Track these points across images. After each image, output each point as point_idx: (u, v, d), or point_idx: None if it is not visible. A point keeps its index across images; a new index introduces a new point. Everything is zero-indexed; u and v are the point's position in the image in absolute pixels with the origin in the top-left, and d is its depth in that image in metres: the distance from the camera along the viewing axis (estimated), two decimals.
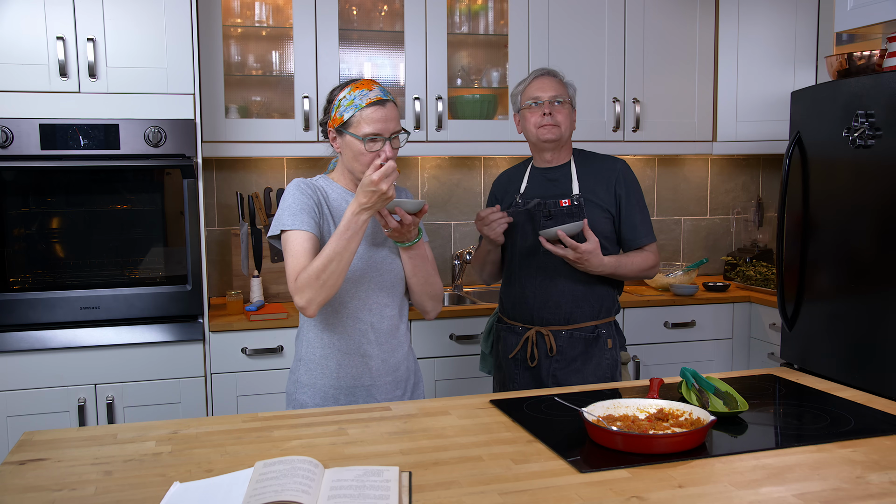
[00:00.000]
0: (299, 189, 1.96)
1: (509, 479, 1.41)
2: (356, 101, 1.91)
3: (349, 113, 1.91)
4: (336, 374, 2.02)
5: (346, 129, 1.93)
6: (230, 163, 3.44)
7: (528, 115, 2.40)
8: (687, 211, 4.09)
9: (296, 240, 1.89)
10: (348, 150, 1.95)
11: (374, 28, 3.42)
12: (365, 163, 1.92)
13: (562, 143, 2.41)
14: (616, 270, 2.34)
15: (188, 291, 2.87)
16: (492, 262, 2.51)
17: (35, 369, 2.73)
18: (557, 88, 2.38)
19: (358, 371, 2.02)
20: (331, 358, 2.02)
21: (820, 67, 3.50)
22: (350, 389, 2.03)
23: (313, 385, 2.03)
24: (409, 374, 2.13)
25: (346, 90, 1.95)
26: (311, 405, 2.03)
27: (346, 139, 1.94)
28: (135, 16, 2.77)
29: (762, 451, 1.54)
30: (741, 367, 3.49)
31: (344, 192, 2.03)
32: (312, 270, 1.83)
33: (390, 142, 1.93)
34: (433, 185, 3.73)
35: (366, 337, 2.02)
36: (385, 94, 1.94)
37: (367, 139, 1.90)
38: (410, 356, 2.15)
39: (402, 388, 2.10)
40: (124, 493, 1.37)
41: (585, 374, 2.37)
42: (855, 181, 2.66)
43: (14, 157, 2.68)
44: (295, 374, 2.08)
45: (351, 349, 2.02)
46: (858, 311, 2.65)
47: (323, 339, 2.02)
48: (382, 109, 1.92)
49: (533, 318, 2.40)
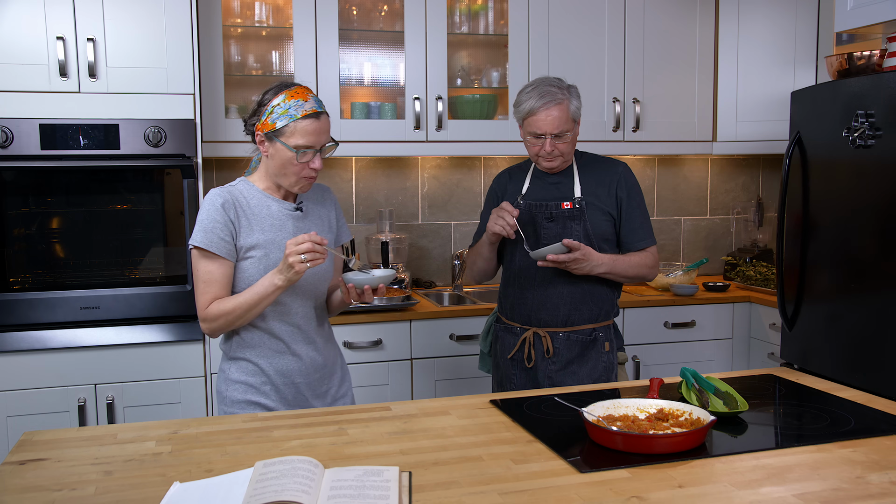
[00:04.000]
0: (213, 205, 1.95)
1: (509, 479, 1.41)
2: (291, 110, 1.90)
3: (282, 122, 1.90)
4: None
5: (277, 136, 1.92)
6: (230, 163, 3.44)
7: (528, 140, 2.35)
8: (687, 211, 4.09)
9: (207, 268, 1.93)
10: (277, 157, 1.94)
11: (374, 28, 3.42)
12: (294, 172, 1.94)
13: (565, 164, 2.40)
14: (613, 269, 2.32)
15: (188, 291, 2.87)
16: (484, 257, 2.45)
17: (35, 369, 2.73)
18: (561, 123, 2.27)
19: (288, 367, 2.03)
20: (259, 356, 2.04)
21: (820, 67, 3.50)
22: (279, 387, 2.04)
23: (244, 382, 2.03)
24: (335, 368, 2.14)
25: (280, 96, 1.92)
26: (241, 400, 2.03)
27: (276, 146, 1.93)
28: (135, 16, 2.77)
29: (762, 451, 1.54)
30: (741, 367, 3.49)
31: (263, 195, 2.01)
32: (223, 310, 1.92)
33: (320, 153, 1.94)
34: (433, 185, 3.73)
35: (291, 336, 2.04)
36: (320, 106, 1.94)
37: (298, 151, 1.90)
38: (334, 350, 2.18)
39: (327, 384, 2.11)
40: (124, 493, 1.37)
41: (581, 377, 2.37)
42: (855, 181, 2.66)
43: (14, 157, 2.68)
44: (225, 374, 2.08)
45: (280, 347, 2.03)
46: (858, 311, 2.65)
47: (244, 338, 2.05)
48: (317, 122, 1.91)
49: (531, 319, 2.40)
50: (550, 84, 2.30)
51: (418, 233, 3.73)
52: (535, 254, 2.25)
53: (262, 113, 1.94)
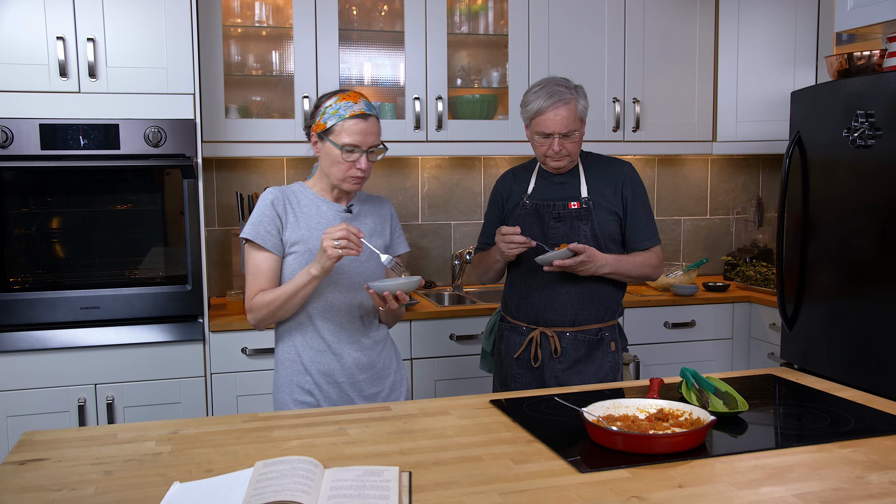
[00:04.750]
0: (265, 201, 2.07)
1: (509, 479, 1.41)
2: (341, 111, 2.01)
3: (332, 121, 2.01)
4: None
5: (327, 135, 2.03)
6: (230, 163, 3.44)
7: (535, 140, 2.35)
8: (687, 211, 4.09)
9: (255, 259, 2.05)
10: (326, 155, 2.05)
11: (374, 28, 3.42)
12: (341, 170, 2.03)
13: (572, 165, 2.40)
14: (617, 268, 2.33)
15: (188, 291, 2.87)
16: (496, 270, 2.49)
17: (35, 369, 2.73)
18: (570, 122, 2.28)
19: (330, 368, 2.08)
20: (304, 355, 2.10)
21: (820, 67, 3.50)
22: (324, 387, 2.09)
23: (290, 381, 2.10)
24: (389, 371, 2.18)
25: (333, 98, 2.04)
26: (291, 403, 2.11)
27: (325, 145, 2.04)
28: (135, 16, 2.77)
29: (762, 451, 1.54)
30: (741, 367, 3.49)
31: (316, 197, 2.12)
32: (265, 300, 2.01)
33: (367, 154, 2.02)
34: (433, 185, 3.73)
35: (335, 334, 2.09)
36: (369, 109, 2.04)
37: (345, 149, 1.99)
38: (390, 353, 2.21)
39: (378, 385, 2.14)
40: (124, 493, 1.37)
41: (587, 376, 2.37)
42: (855, 181, 2.66)
43: (14, 157, 2.68)
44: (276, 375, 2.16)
45: (321, 346, 2.08)
46: (858, 311, 2.65)
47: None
48: (364, 123, 2.01)
49: (538, 318, 2.40)
50: (558, 84, 2.30)
51: (418, 233, 3.73)
52: (541, 259, 2.26)
53: (317, 114, 2.05)
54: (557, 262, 2.23)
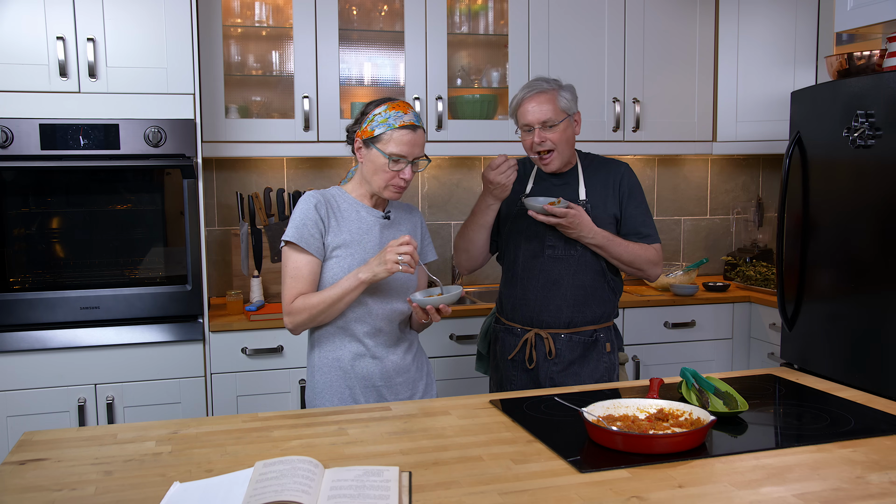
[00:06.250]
0: (307, 204, 2.06)
1: (509, 479, 1.41)
2: (391, 120, 2.01)
3: (381, 129, 2.01)
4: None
5: (374, 143, 2.03)
6: (230, 163, 3.44)
7: (521, 136, 2.37)
8: (687, 211, 4.09)
9: (296, 262, 2.03)
10: (371, 163, 2.04)
11: (374, 28, 3.42)
12: (385, 179, 2.03)
13: (562, 162, 2.38)
14: (607, 246, 2.30)
15: (188, 291, 2.87)
16: (481, 225, 2.37)
17: (35, 369, 2.73)
18: (548, 112, 2.28)
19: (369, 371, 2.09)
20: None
21: (820, 67, 3.50)
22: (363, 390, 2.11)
23: (329, 387, 2.10)
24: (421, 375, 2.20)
25: (383, 106, 2.04)
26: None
27: (371, 152, 2.04)
28: (135, 16, 2.77)
29: (762, 451, 1.54)
30: (741, 367, 3.49)
31: (355, 202, 2.12)
32: (307, 304, 2.00)
33: (412, 165, 2.03)
34: (433, 185, 3.73)
35: (373, 337, 2.09)
36: (417, 120, 2.05)
37: (392, 158, 2.00)
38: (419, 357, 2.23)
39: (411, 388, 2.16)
40: (124, 493, 1.37)
41: (583, 377, 2.36)
42: (855, 181, 2.66)
43: (14, 157, 2.68)
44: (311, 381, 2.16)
45: (360, 350, 2.09)
46: (858, 311, 2.65)
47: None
48: (412, 134, 2.02)
49: (533, 320, 2.39)
50: (540, 79, 2.36)
51: None
52: (530, 202, 2.25)
53: (364, 121, 2.05)
54: (548, 208, 2.22)
